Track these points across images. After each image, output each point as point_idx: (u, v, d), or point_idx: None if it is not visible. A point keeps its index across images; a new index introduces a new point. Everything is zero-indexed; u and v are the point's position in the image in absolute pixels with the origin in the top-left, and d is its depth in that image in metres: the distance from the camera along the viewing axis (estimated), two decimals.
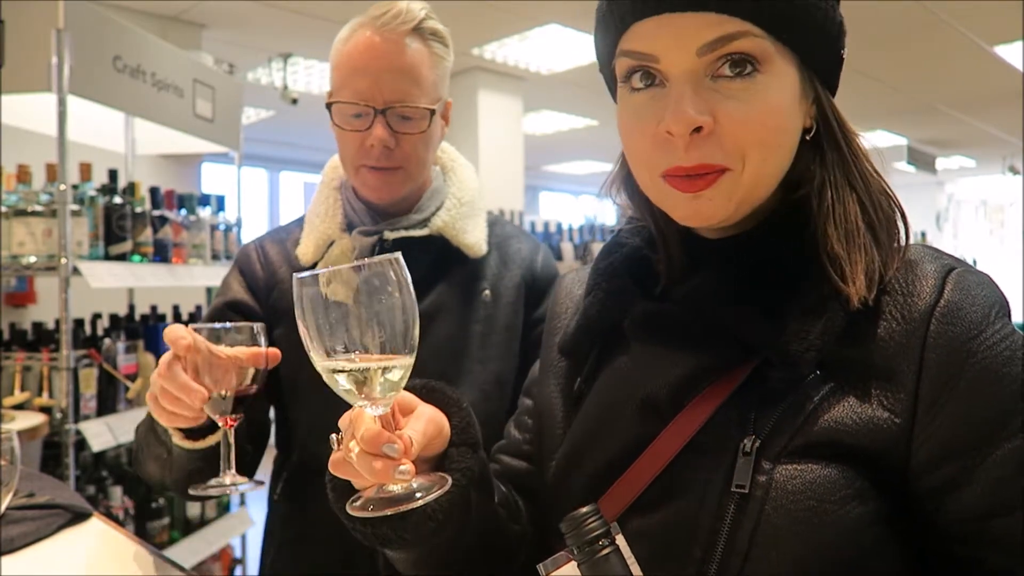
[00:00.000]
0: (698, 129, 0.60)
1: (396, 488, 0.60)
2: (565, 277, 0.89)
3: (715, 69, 0.60)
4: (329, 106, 1.10)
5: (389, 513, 0.60)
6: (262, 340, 0.88)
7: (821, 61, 0.64)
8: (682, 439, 0.63)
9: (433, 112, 1.08)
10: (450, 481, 0.63)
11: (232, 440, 0.87)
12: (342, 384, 0.59)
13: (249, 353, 0.86)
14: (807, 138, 0.67)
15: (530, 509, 0.82)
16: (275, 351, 0.89)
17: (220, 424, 0.86)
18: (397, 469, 0.57)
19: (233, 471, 0.87)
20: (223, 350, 0.84)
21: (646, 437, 0.66)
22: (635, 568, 0.60)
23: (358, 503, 0.61)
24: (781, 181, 0.67)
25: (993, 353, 0.59)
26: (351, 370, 0.58)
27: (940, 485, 0.59)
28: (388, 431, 0.59)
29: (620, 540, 0.61)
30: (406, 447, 0.59)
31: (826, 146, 0.66)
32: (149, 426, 0.96)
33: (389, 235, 1.11)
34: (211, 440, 0.91)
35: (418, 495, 0.60)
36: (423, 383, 0.72)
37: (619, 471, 0.66)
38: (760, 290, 0.64)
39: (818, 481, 0.58)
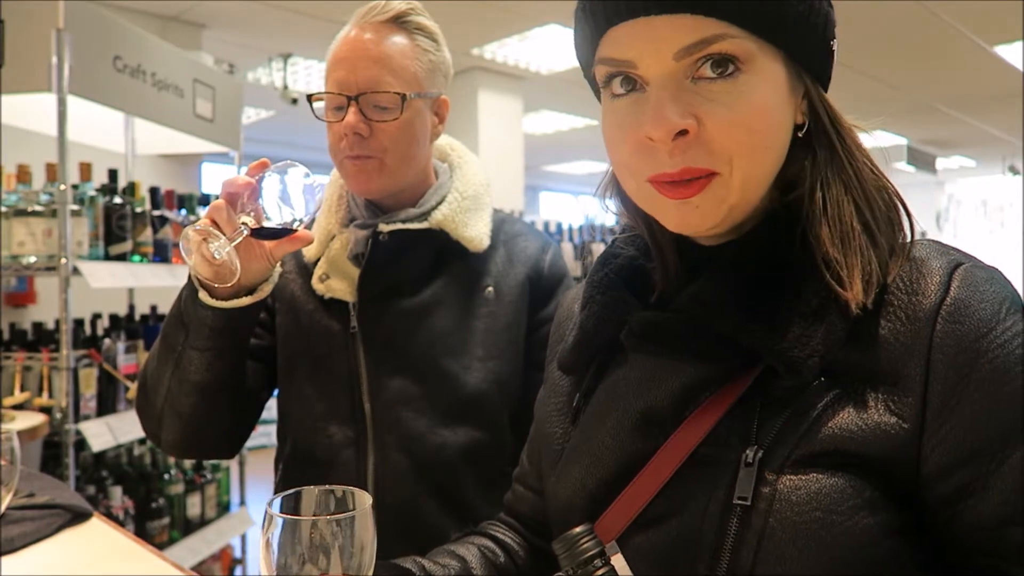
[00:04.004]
0: (682, 133, 0.58)
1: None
2: (567, 295, 0.87)
3: (695, 71, 0.58)
4: (311, 101, 1.10)
5: None
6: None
7: (809, 54, 0.62)
8: (683, 452, 0.61)
9: (405, 97, 1.06)
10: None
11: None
12: None
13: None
14: (799, 135, 0.64)
15: (536, 542, 0.81)
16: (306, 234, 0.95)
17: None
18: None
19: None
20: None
21: (646, 451, 0.63)
22: None
23: None
24: (776, 181, 0.64)
25: (1005, 352, 0.55)
26: None
27: (953, 493, 0.56)
28: None
29: (617, 560, 0.59)
30: None
31: (817, 143, 0.64)
32: (176, 318, 1.06)
33: (384, 227, 1.10)
34: (234, 302, 0.98)
35: None
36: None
37: (619, 487, 0.64)
38: (759, 296, 0.62)
39: (824, 491, 0.56)
